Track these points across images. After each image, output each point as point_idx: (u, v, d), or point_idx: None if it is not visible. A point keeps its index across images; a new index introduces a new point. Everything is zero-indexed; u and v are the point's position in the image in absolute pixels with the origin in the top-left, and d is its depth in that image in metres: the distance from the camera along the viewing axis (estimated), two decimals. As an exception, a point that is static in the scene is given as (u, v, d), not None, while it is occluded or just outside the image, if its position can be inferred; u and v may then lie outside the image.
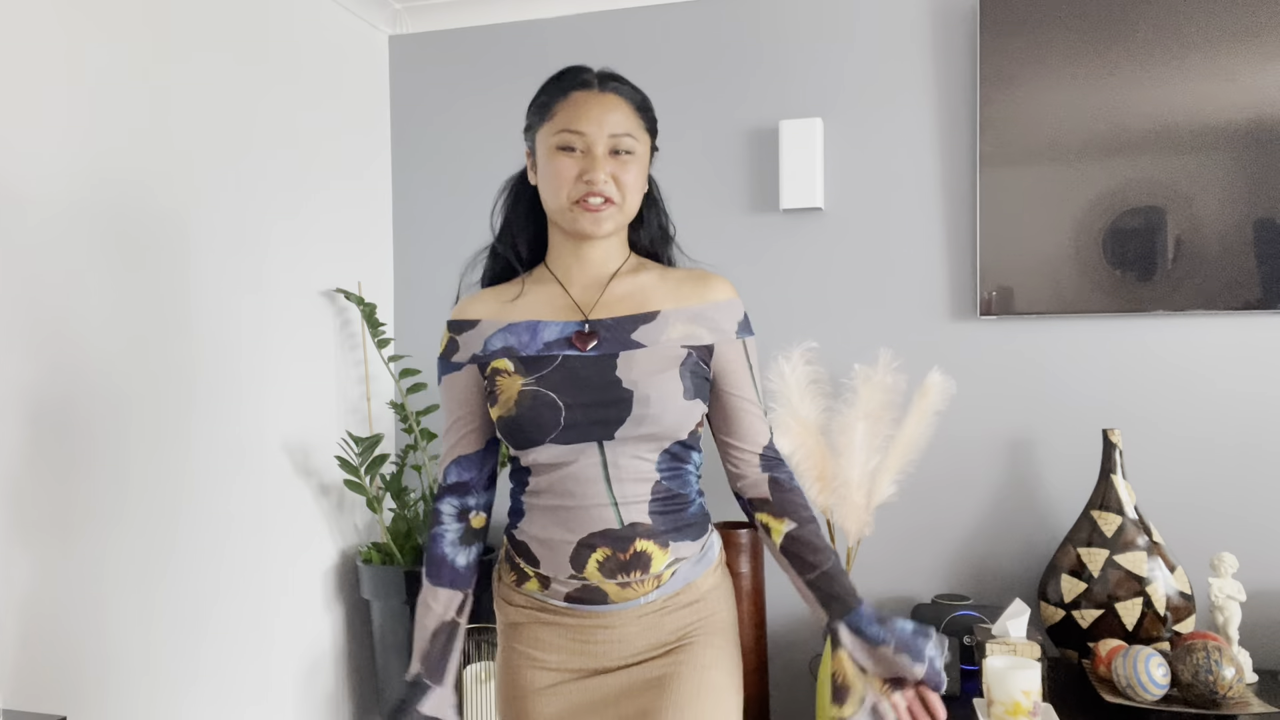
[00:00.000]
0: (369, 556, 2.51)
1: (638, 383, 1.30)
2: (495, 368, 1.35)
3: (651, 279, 1.41)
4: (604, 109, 1.32)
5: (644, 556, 1.30)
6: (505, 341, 1.36)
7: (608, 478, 1.30)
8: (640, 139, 1.35)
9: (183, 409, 2.04)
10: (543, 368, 1.32)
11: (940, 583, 2.41)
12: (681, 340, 1.35)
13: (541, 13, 2.70)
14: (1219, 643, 1.84)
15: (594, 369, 1.31)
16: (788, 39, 2.51)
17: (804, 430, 2.19)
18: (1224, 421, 2.24)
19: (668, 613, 1.35)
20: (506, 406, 1.32)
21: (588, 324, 1.35)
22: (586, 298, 1.38)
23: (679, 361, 1.33)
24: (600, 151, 1.31)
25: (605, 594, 1.31)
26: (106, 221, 1.87)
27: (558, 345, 1.34)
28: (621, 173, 1.32)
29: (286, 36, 2.39)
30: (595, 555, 1.29)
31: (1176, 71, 2.21)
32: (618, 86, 1.36)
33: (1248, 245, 2.17)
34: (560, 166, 1.32)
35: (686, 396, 1.32)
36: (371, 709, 2.68)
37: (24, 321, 1.70)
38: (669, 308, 1.37)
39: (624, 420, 1.29)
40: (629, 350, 1.33)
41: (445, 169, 2.78)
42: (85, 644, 1.81)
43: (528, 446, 1.32)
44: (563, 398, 1.29)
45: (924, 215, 2.42)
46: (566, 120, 1.32)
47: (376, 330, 2.53)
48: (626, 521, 1.30)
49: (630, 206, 1.36)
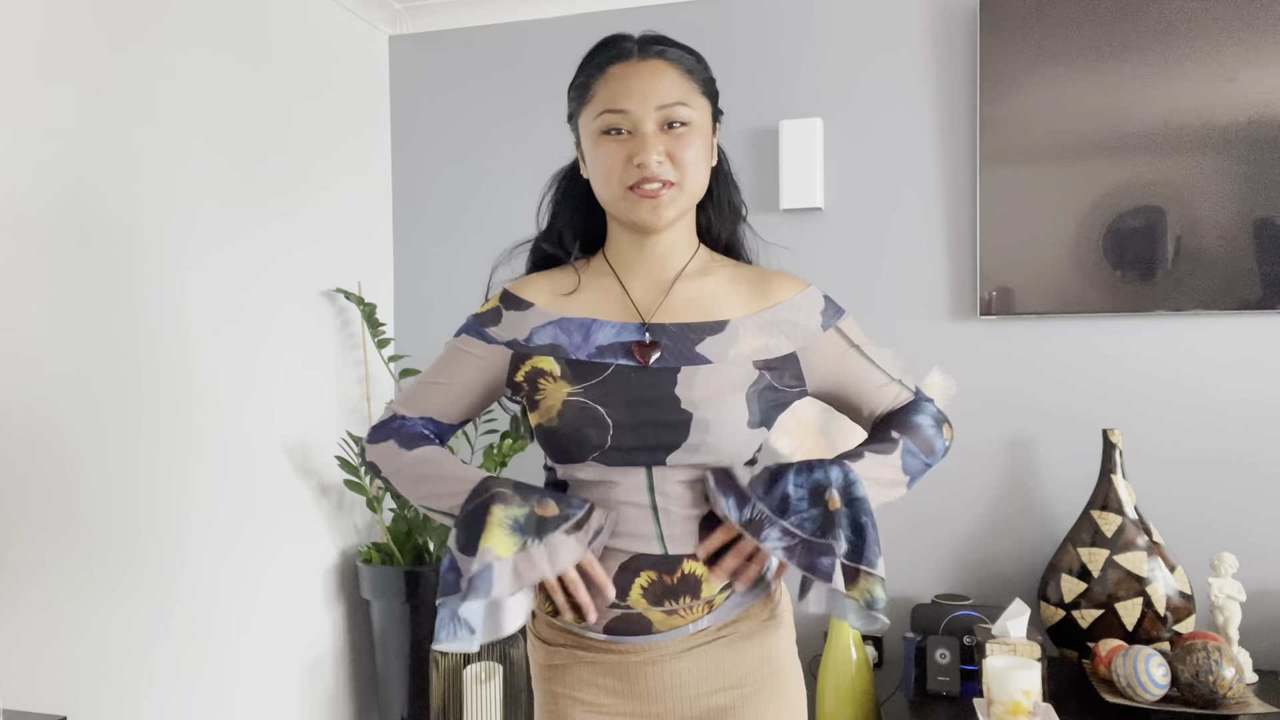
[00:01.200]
0: (369, 556, 2.51)
1: (698, 405, 1.14)
2: (538, 367, 1.19)
3: (721, 281, 1.24)
4: (648, 79, 1.15)
5: (692, 580, 1.15)
6: (555, 338, 1.20)
7: (654, 506, 1.15)
8: (696, 105, 1.18)
9: (183, 409, 2.04)
10: (592, 376, 1.16)
11: (940, 583, 2.41)
12: (755, 355, 1.19)
13: (541, 13, 2.70)
14: (1219, 643, 1.84)
15: (651, 384, 1.15)
16: (788, 39, 2.51)
17: (804, 430, 2.19)
18: (1224, 421, 2.24)
19: (725, 645, 1.20)
20: (548, 415, 1.16)
21: (648, 331, 1.19)
22: (648, 299, 1.22)
23: (749, 384, 1.17)
24: (649, 129, 1.15)
25: (649, 623, 1.16)
26: (106, 221, 1.87)
27: (611, 352, 1.18)
28: (678, 149, 1.15)
29: (286, 36, 2.39)
30: (639, 580, 1.14)
31: (1176, 71, 2.21)
32: (662, 50, 1.19)
33: (1248, 245, 2.17)
34: (607, 152, 1.16)
35: (751, 424, 1.17)
36: (371, 709, 2.68)
37: (24, 320, 1.70)
38: (739, 315, 1.21)
39: (678, 446, 1.14)
40: (692, 366, 1.16)
41: (445, 169, 2.78)
42: (85, 644, 1.81)
43: (567, 462, 1.18)
44: (612, 414, 1.14)
45: (924, 215, 2.42)
46: (607, 99, 1.16)
47: (376, 330, 2.53)
48: (672, 552, 1.15)
49: (694, 186, 1.18)
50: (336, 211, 2.58)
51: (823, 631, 2.44)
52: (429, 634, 2.40)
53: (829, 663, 2.18)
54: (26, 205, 1.71)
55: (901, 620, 2.42)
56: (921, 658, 2.11)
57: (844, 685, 2.15)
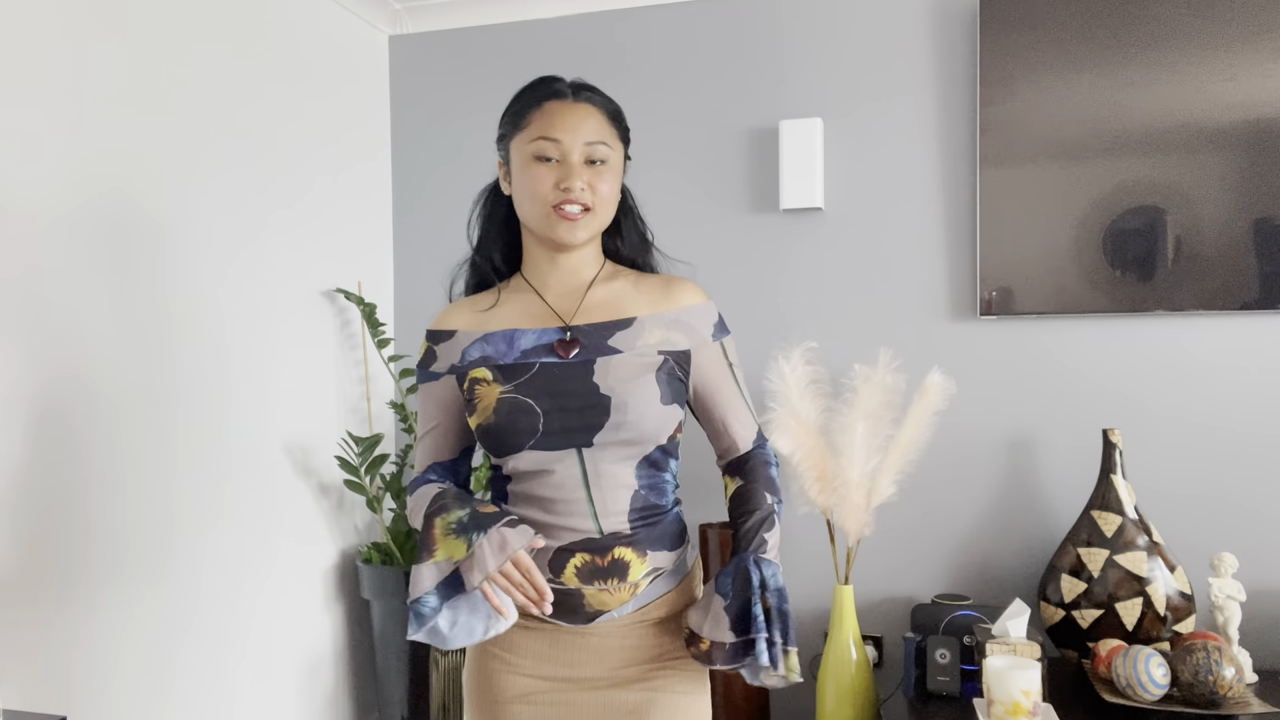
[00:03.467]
0: (369, 556, 2.51)
1: (615, 389, 1.30)
2: (474, 377, 1.35)
3: (626, 285, 1.42)
4: (578, 118, 1.33)
5: (621, 564, 1.31)
6: (483, 351, 1.37)
7: (588, 485, 1.31)
8: (614, 147, 1.36)
9: (183, 409, 2.04)
10: (520, 375, 1.32)
11: (940, 583, 2.41)
12: (658, 345, 1.37)
13: (541, 13, 2.70)
14: (1219, 643, 1.84)
15: (572, 375, 1.32)
16: (788, 39, 2.52)
17: (804, 430, 2.19)
18: (1224, 421, 2.24)
19: (645, 626, 1.36)
20: (485, 414, 1.32)
21: (569, 331, 1.36)
22: (565, 305, 1.39)
23: (655, 367, 1.34)
24: (576, 159, 1.32)
25: (583, 598, 1.32)
26: (105, 221, 1.87)
27: (535, 353, 1.35)
28: (596, 181, 1.33)
29: (286, 36, 2.39)
30: (574, 560, 1.30)
31: (1177, 71, 2.21)
32: (590, 96, 1.37)
33: (1247, 245, 2.17)
34: (537, 175, 1.32)
35: (664, 401, 1.33)
36: (371, 709, 2.68)
37: (22, 323, 1.70)
38: (645, 313, 1.38)
39: (602, 426, 1.29)
40: (606, 356, 1.34)
41: (445, 169, 2.78)
42: (85, 644, 1.81)
43: (507, 453, 1.33)
44: (540, 404, 1.30)
45: (924, 215, 2.42)
46: (542, 128, 1.33)
47: (376, 330, 2.53)
48: (606, 531, 1.31)
49: (605, 215, 1.37)
50: (336, 211, 2.58)
51: (822, 632, 2.44)
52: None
53: (829, 663, 2.18)
54: (23, 203, 1.71)
55: (901, 620, 2.43)
56: (921, 658, 2.12)
57: (844, 685, 2.15)
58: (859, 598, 2.44)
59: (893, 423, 2.19)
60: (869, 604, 2.44)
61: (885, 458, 2.18)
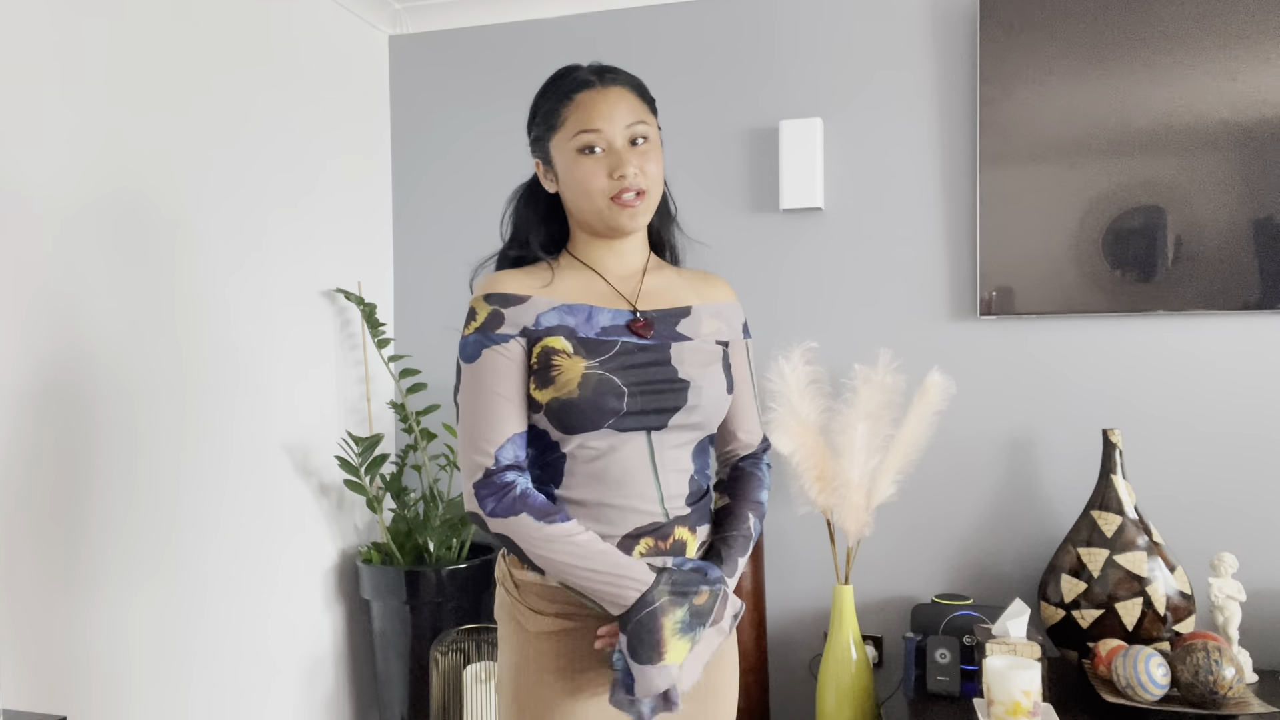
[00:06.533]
0: (369, 556, 2.51)
1: (692, 374, 1.32)
2: (550, 346, 1.29)
3: (672, 275, 1.43)
4: (612, 103, 1.31)
5: (680, 544, 1.32)
6: (561, 320, 1.31)
7: (655, 468, 1.31)
8: (650, 123, 1.36)
9: (183, 408, 2.04)
10: (604, 351, 1.30)
11: (940, 583, 2.41)
12: (713, 335, 1.39)
13: (541, 13, 2.70)
14: (1219, 643, 1.84)
15: (651, 358, 1.31)
16: (788, 39, 2.51)
17: (804, 430, 2.19)
18: (1224, 421, 2.24)
19: None
20: (567, 388, 1.26)
21: (639, 313, 1.35)
22: (626, 289, 1.38)
23: (718, 356, 1.37)
24: (621, 145, 1.31)
25: None
26: (105, 221, 1.87)
27: (613, 331, 1.32)
28: (645, 162, 1.32)
29: (287, 36, 2.39)
30: (639, 547, 1.29)
31: (1176, 71, 2.21)
32: (616, 76, 1.35)
33: (1248, 245, 2.17)
34: (588, 169, 1.30)
35: (728, 390, 1.38)
36: (371, 709, 2.68)
37: (26, 321, 1.70)
38: (697, 303, 1.40)
39: (678, 409, 1.30)
40: (679, 342, 1.34)
41: (445, 169, 2.78)
42: (85, 644, 1.81)
43: (582, 430, 1.27)
44: (625, 383, 1.28)
45: (924, 215, 2.42)
46: (580, 122, 1.31)
47: (376, 330, 2.53)
48: (671, 516, 1.31)
49: (658, 193, 1.36)
50: (336, 211, 2.58)
51: (822, 632, 2.44)
52: (429, 634, 2.40)
53: (829, 663, 2.18)
54: (29, 204, 1.71)
55: (901, 620, 2.43)
56: (921, 658, 2.12)
57: (844, 685, 2.15)
58: (859, 598, 2.44)
59: (893, 423, 2.20)
60: (869, 604, 2.44)
61: (885, 458, 2.18)
